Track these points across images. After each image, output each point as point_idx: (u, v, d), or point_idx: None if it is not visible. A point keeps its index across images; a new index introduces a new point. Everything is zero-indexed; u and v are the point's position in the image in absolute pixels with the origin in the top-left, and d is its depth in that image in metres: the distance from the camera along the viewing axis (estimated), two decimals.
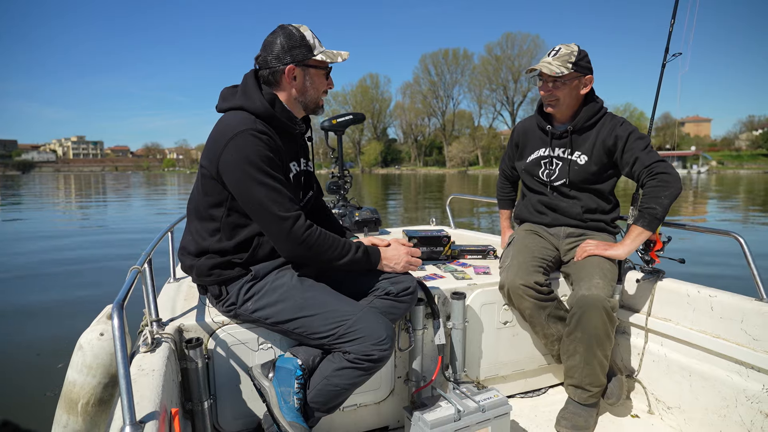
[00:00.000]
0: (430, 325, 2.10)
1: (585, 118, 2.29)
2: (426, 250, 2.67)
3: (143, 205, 21.51)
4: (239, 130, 1.62)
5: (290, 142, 1.82)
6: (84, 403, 1.66)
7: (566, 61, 2.20)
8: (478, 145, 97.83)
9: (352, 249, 1.75)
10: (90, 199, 25.14)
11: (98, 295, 5.89)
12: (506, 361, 2.36)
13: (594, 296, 2.02)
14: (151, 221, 14.65)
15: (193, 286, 2.16)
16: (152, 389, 1.29)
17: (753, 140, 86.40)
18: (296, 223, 1.63)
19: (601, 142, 2.26)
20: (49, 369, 3.82)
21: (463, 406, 1.93)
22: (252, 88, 1.72)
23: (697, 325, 2.09)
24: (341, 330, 1.64)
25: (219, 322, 1.81)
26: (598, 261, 2.17)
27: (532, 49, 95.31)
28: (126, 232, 12.01)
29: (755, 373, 1.87)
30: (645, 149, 2.16)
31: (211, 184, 1.69)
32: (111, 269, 7.56)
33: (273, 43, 1.72)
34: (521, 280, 2.15)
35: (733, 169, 74.75)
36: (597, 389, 2.13)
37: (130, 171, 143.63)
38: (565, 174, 2.35)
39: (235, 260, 1.74)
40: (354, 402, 2.04)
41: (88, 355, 1.66)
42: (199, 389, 1.69)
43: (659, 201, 2.06)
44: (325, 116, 2.98)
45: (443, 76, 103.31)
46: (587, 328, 2.05)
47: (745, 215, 16.00)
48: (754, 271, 2.00)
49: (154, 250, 1.86)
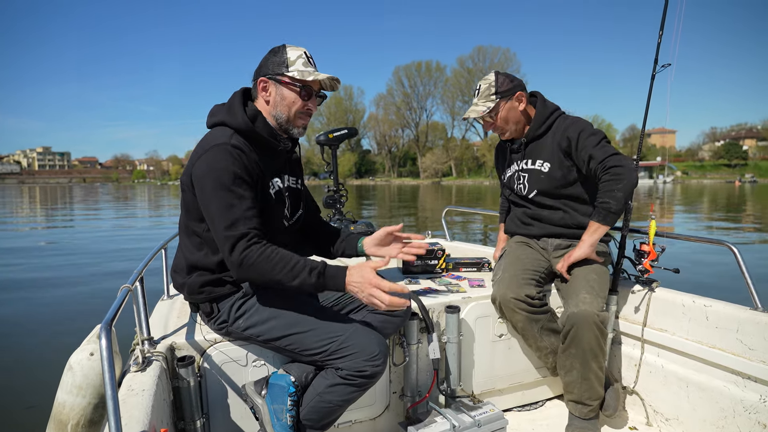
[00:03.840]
0: (424, 339, 2.18)
1: (535, 127, 2.48)
2: (420, 263, 2.77)
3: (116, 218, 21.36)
4: (213, 143, 1.71)
5: (273, 158, 1.90)
6: (74, 424, 1.71)
7: (488, 96, 2.44)
8: (452, 157, 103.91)
9: (304, 272, 1.66)
10: (58, 211, 24.87)
11: (92, 313, 5.97)
12: (502, 375, 2.45)
13: (582, 312, 2.13)
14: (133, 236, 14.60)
15: (185, 304, 2.22)
16: (141, 410, 1.34)
17: (715, 151, 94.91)
18: (237, 243, 1.63)
19: (557, 145, 2.42)
20: (38, 389, 3.87)
21: (459, 421, 2.02)
22: (236, 104, 1.83)
23: (693, 335, 2.18)
24: (333, 346, 1.71)
25: (211, 339, 1.87)
26: (583, 275, 2.29)
27: (503, 62, 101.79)
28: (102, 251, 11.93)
29: (752, 384, 1.96)
30: (598, 145, 2.28)
31: (190, 199, 1.77)
32: (102, 287, 7.66)
33: (262, 59, 1.87)
34: (512, 294, 2.26)
35: (697, 179, 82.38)
36: (596, 402, 2.23)
37: (98, 183, 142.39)
38: (534, 184, 2.51)
39: (226, 278, 1.81)
40: (349, 418, 2.11)
41: (78, 375, 1.71)
42: (192, 408, 1.76)
43: (612, 195, 2.19)
44: (319, 131, 3.09)
45: (416, 88, 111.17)
46: (580, 344, 2.16)
47: (709, 221, 18.11)
48: (748, 281, 2.09)
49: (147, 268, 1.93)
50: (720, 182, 75.82)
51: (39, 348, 4.99)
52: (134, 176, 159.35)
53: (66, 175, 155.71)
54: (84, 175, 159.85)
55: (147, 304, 1.80)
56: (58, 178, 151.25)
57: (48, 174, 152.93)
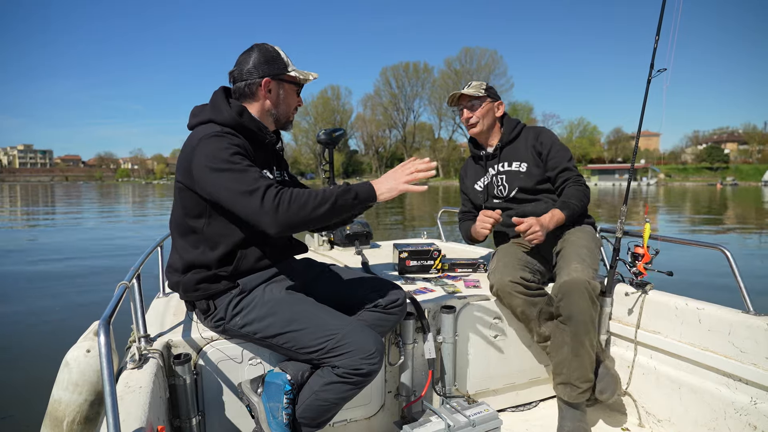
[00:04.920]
0: (420, 339, 2.23)
1: (508, 132, 2.78)
2: (416, 263, 2.82)
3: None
4: (202, 135, 1.75)
5: (261, 150, 1.94)
6: (70, 421, 1.73)
7: (479, 89, 2.73)
8: (439, 157, 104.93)
9: (333, 194, 1.69)
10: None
11: (87, 311, 6.03)
12: (497, 375, 2.49)
13: (574, 279, 2.21)
14: None
15: (182, 302, 2.24)
16: (139, 407, 1.36)
17: (698, 154, 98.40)
18: (266, 193, 1.64)
19: (531, 147, 2.72)
20: (33, 386, 3.86)
21: (454, 421, 2.06)
22: (220, 101, 1.87)
23: (686, 337, 2.24)
24: (330, 344, 1.74)
25: (207, 337, 1.90)
26: (574, 249, 2.39)
27: (490, 64, 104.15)
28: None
29: (743, 386, 2.01)
30: (570, 160, 2.67)
31: (188, 196, 1.80)
32: (99, 282, 7.77)
33: (248, 58, 1.89)
34: (509, 277, 2.33)
35: (680, 182, 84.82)
36: (586, 385, 2.25)
37: (81, 181, 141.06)
38: (514, 183, 2.71)
39: (221, 273, 1.83)
40: (344, 417, 2.15)
41: (74, 372, 1.73)
42: (187, 406, 1.79)
43: (580, 202, 2.54)
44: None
45: (404, 89, 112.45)
46: (573, 312, 2.21)
47: (692, 220, 19.61)
48: (740, 284, 2.15)
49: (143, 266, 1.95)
50: (702, 185, 77.85)
51: (34, 345, 5.02)
52: (118, 175, 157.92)
53: (48, 174, 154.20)
54: (66, 173, 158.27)
55: (143, 301, 1.82)
56: (40, 176, 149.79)
57: (29, 172, 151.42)
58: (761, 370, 1.95)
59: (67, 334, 2.36)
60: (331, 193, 1.69)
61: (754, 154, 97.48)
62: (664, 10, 2.39)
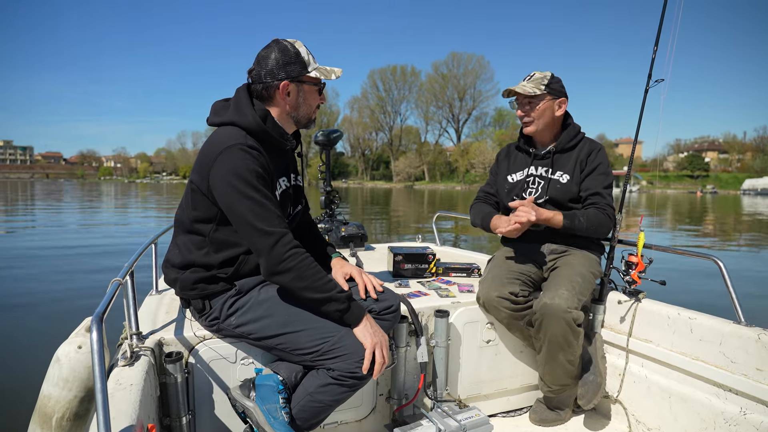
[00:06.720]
0: (413, 342, 2.27)
1: (566, 139, 2.63)
2: (411, 267, 2.87)
3: None
4: (229, 144, 1.75)
5: (280, 157, 1.96)
6: (59, 417, 1.75)
7: (539, 84, 2.54)
8: (425, 161, 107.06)
9: (334, 289, 1.78)
10: None
11: (77, 307, 6.05)
12: (488, 380, 2.54)
13: (554, 305, 2.25)
14: None
15: (175, 300, 2.28)
16: (129, 404, 1.38)
17: (679, 162, 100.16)
18: (280, 240, 1.71)
19: (579, 162, 2.59)
20: (22, 382, 3.85)
21: (445, 425, 2.11)
22: (245, 103, 1.86)
23: (677, 347, 2.29)
24: (326, 347, 1.77)
25: (200, 336, 1.93)
26: (570, 273, 2.41)
27: (477, 69, 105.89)
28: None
29: (733, 396, 2.06)
30: (606, 188, 2.56)
31: (200, 200, 1.82)
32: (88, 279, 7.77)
33: (267, 58, 1.86)
34: (496, 292, 2.37)
35: (662, 189, 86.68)
36: (557, 388, 2.39)
37: (62, 179, 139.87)
38: (545, 191, 2.62)
39: (220, 275, 1.87)
40: (335, 419, 2.19)
41: (65, 368, 1.75)
42: (178, 404, 1.81)
43: (590, 224, 2.45)
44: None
45: (391, 92, 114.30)
46: (547, 334, 2.30)
47: (674, 225, 20.45)
48: (732, 295, 2.20)
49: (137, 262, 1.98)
50: (683, 192, 79.94)
51: (24, 340, 5.03)
52: (101, 173, 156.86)
53: (28, 170, 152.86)
54: (47, 170, 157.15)
55: (136, 298, 1.84)
56: (20, 173, 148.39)
57: (8, 169, 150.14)
58: (751, 380, 1.99)
59: (57, 329, 2.38)
60: (330, 289, 1.77)
61: (733, 163, 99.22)
62: (663, 20, 2.47)
